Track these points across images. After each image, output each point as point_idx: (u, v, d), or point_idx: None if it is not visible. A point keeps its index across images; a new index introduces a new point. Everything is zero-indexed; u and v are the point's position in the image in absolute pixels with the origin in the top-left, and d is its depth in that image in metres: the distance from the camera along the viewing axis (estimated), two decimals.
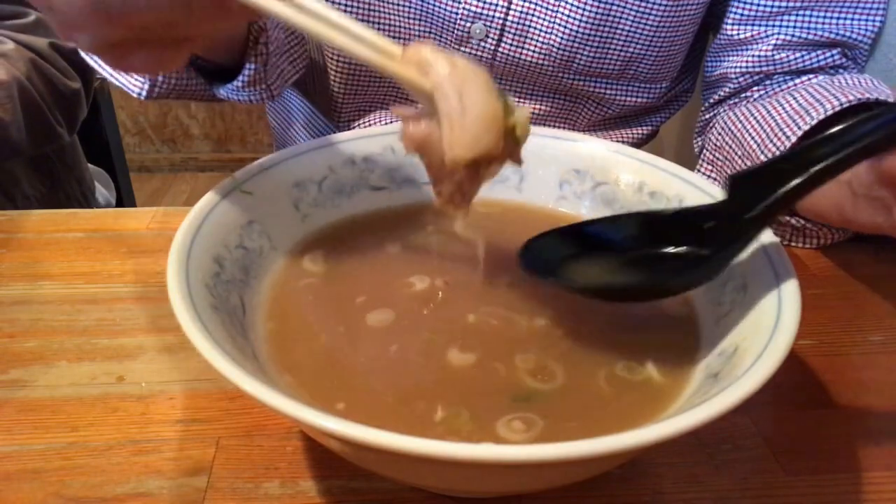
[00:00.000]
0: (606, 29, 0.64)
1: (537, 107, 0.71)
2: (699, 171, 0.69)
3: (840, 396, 0.44)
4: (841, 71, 0.66)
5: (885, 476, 0.39)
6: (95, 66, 0.59)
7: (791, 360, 0.36)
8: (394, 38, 0.67)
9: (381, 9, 0.65)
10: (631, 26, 0.64)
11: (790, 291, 0.34)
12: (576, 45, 0.65)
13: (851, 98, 0.54)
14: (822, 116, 0.54)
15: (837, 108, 0.54)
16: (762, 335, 0.32)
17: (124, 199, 1.20)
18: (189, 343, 0.30)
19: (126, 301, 0.50)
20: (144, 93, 0.56)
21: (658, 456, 0.39)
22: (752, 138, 0.60)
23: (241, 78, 0.55)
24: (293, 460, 0.39)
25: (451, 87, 0.35)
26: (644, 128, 0.77)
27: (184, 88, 0.56)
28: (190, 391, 0.43)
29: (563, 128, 0.73)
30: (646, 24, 0.64)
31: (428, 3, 0.65)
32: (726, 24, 0.66)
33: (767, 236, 0.39)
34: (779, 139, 0.56)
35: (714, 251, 0.37)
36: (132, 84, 0.57)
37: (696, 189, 0.44)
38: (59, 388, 0.43)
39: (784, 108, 0.58)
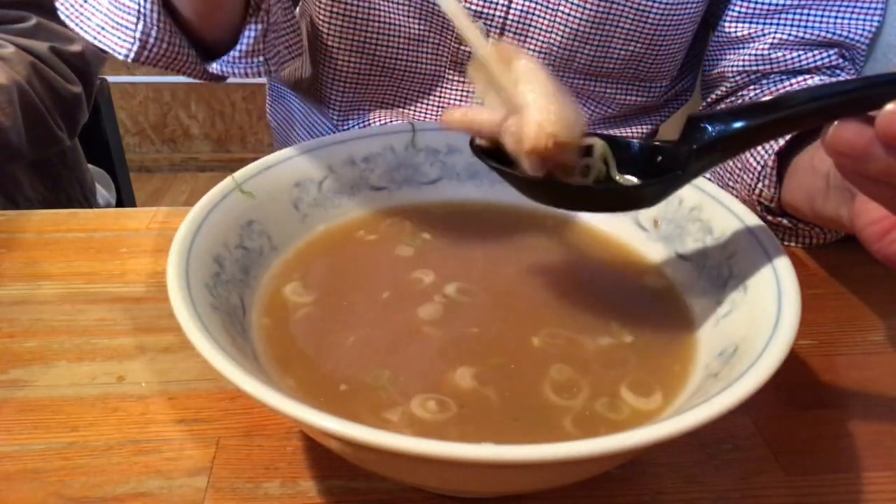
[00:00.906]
0: (607, 28, 0.64)
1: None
2: None
3: (840, 396, 0.44)
4: (838, 72, 0.66)
5: (885, 476, 0.39)
6: (73, 27, 0.56)
7: (791, 360, 0.36)
8: (394, 36, 0.67)
9: (382, 7, 0.65)
10: (631, 25, 0.64)
11: (790, 292, 0.34)
12: (576, 44, 0.65)
13: None
14: None
15: None
16: (762, 335, 0.32)
17: (124, 199, 1.20)
18: (189, 343, 0.30)
19: (126, 301, 0.50)
20: (133, 54, 0.52)
21: (658, 456, 0.39)
22: None
23: (239, 47, 0.53)
24: (293, 460, 0.39)
25: (544, 72, 0.37)
26: (644, 127, 0.77)
27: (174, 57, 0.53)
28: (190, 391, 0.43)
29: None
30: (646, 22, 0.64)
31: (428, 2, 0.65)
32: (725, 21, 0.66)
33: (767, 237, 0.39)
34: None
35: (658, 178, 0.37)
36: (119, 45, 0.53)
37: (696, 188, 0.44)
38: (59, 388, 0.43)
39: None
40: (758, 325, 0.34)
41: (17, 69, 0.81)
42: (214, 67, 0.55)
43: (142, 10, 0.47)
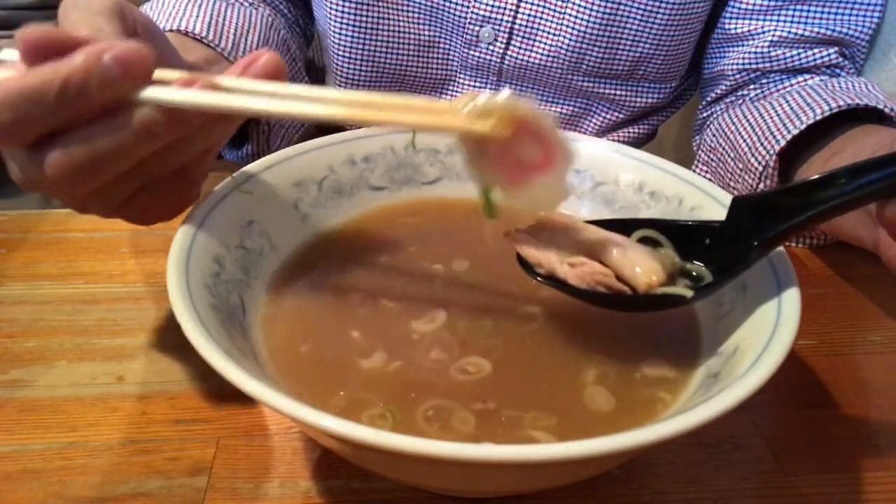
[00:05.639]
0: (614, 29, 0.64)
1: (548, 110, 0.71)
2: (695, 171, 0.69)
3: (840, 396, 0.44)
4: (837, 70, 0.66)
5: (885, 476, 0.39)
6: None
7: (791, 360, 0.36)
8: (404, 44, 0.67)
9: (392, 16, 0.65)
10: (639, 26, 0.64)
11: (790, 292, 0.34)
12: (584, 45, 0.65)
13: (841, 103, 0.54)
14: (811, 121, 0.55)
15: (827, 113, 0.54)
16: (762, 335, 0.32)
17: None
18: (189, 343, 0.30)
19: (126, 301, 0.50)
20: None
21: (658, 456, 0.39)
22: (744, 140, 0.61)
23: (245, 149, 0.59)
24: (293, 460, 0.39)
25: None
26: (644, 127, 0.77)
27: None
28: (190, 391, 0.43)
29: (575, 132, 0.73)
30: (654, 23, 0.64)
31: (437, 8, 0.65)
32: (725, 18, 0.66)
33: None
34: (769, 142, 0.57)
35: (716, 274, 0.37)
36: None
37: (696, 189, 0.44)
38: (59, 388, 0.43)
39: (776, 111, 0.59)
40: (758, 325, 0.34)
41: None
42: (228, 157, 0.63)
43: None
